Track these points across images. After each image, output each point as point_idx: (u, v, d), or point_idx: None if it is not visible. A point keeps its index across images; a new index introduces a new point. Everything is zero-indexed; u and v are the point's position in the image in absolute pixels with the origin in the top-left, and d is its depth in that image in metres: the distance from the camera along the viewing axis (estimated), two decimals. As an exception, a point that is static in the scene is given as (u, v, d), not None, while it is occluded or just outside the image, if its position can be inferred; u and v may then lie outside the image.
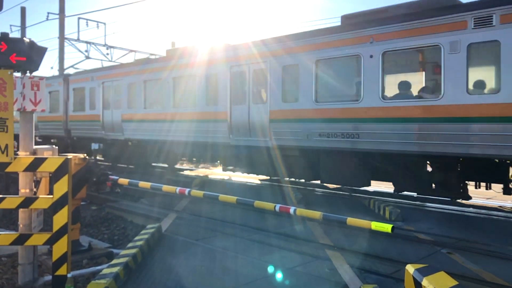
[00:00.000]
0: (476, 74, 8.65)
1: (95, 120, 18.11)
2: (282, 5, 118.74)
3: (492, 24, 8.06)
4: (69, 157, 4.94)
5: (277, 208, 7.13)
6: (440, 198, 10.03)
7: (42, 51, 5.16)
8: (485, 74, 8.90)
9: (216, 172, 17.72)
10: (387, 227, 5.60)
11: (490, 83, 8.58)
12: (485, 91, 8.53)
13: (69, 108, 19.92)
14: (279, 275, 5.41)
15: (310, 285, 5.14)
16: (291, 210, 6.90)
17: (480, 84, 8.57)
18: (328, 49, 10.39)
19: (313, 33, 11.06)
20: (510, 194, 8.88)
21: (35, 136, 19.64)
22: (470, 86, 8.42)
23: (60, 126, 20.33)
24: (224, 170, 14.15)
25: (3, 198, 4.83)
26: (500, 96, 7.99)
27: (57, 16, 27.70)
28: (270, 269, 5.63)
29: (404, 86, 9.60)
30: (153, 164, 17.84)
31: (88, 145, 19.41)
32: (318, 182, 13.27)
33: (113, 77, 17.35)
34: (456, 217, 9.10)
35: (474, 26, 8.28)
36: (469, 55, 8.34)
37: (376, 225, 5.77)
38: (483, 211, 9.69)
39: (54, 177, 4.79)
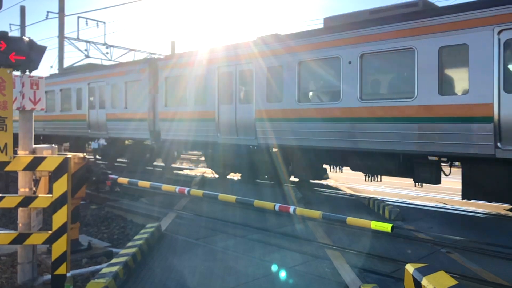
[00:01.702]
0: None
1: (204, 119, 13.60)
2: (282, 4, 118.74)
3: None
4: (68, 156, 4.94)
5: (276, 208, 7.13)
6: (439, 197, 10.00)
7: (41, 50, 5.15)
8: None
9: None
10: (386, 227, 5.60)
11: None
12: None
13: (158, 103, 15.40)
14: (282, 274, 5.41)
15: (310, 285, 5.14)
16: (291, 209, 6.91)
17: None
18: None
19: None
20: None
21: (103, 138, 17.49)
22: None
23: (143, 127, 15.82)
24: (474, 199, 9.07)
25: (2, 197, 4.82)
26: None
27: (57, 15, 27.68)
28: (274, 268, 5.63)
29: None
30: (292, 178, 13.18)
31: (183, 150, 16.50)
32: (318, 181, 13.22)
33: (237, 60, 12.77)
34: (456, 216, 9.10)
35: None
36: None
37: (375, 225, 5.77)
38: (483, 210, 9.68)
39: (54, 176, 4.78)
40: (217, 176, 14.62)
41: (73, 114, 19.70)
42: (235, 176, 14.59)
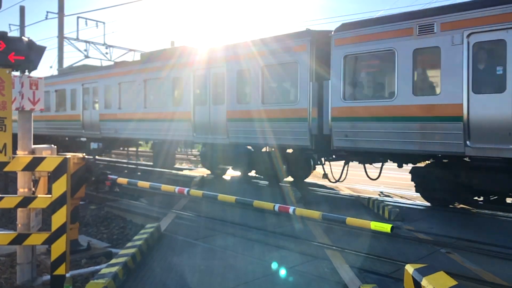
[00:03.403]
0: None
1: (432, 118, 8.81)
2: (282, 4, 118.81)
3: None
4: (67, 156, 4.93)
5: (276, 208, 7.13)
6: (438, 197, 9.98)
7: (40, 50, 5.15)
8: None
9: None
10: (386, 227, 5.61)
11: None
12: None
13: (329, 95, 10.48)
14: (282, 272, 5.41)
15: (309, 285, 5.13)
16: (290, 209, 6.92)
17: None
18: None
19: None
20: None
21: (222, 143, 13.17)
22: None
23: (298, 129, 11.09)
24: None
25: (1, 198, 4.81)
26: None
27: (56, 15, 27.70)
28: (274, 265, 5.64)
29: None
30: None
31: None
32: (317, 181, 13.17)
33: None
34: (456, 216, 9.09)
35: None
36: None
37: (375, 225, 5.78)
38: (482, 210, 9.67)
39: (53, 176, 4.78)
40: (428, 204, 10.06)
41: (165, 112, 14.78)
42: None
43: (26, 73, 5.22)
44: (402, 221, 8.34)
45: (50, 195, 4.79)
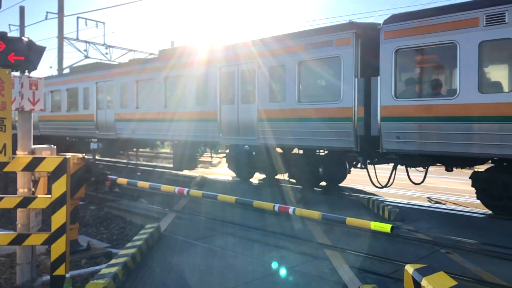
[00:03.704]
0: None
1: (505, 118, 7.94)
2: (282, 4, 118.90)
3: None
4: (67, 156, 4.93)
5: (276, 208, 7.14)
6: (438, 198, 9.98)
7: (40, 50, 5.15)
8: None
9: (216, 172, 17.68)
10: (386, 227, 5.61)
11: None
12: None
13: (378, 92, 9.54)
14: (282, 272, 5.41)
15: (309, 285, 5.13)
16: (290, 210, 6.93)
17: None
18: None
19: None
20: None
21: (251, 145, 12.15)
22: None
23: (340, 130, 10.24)
24: None
25: (1, 198, 4.81)
26: None
27: (56, 16, 27.70)
28: (274, 265, 5.65)
29: None
30: None
31: None
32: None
33: None
34: (456, 217, 9.10)
35: None
36: None
37: (375, 225, 5.79)
38: (482, 211, 9.67)
39: (53, 176, 4.77)
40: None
41: (188, 111, 13.88)
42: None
43: (26, 73, 5.22)
44: (402, 221, 8.35)
45: (50, 196, 4.79)
